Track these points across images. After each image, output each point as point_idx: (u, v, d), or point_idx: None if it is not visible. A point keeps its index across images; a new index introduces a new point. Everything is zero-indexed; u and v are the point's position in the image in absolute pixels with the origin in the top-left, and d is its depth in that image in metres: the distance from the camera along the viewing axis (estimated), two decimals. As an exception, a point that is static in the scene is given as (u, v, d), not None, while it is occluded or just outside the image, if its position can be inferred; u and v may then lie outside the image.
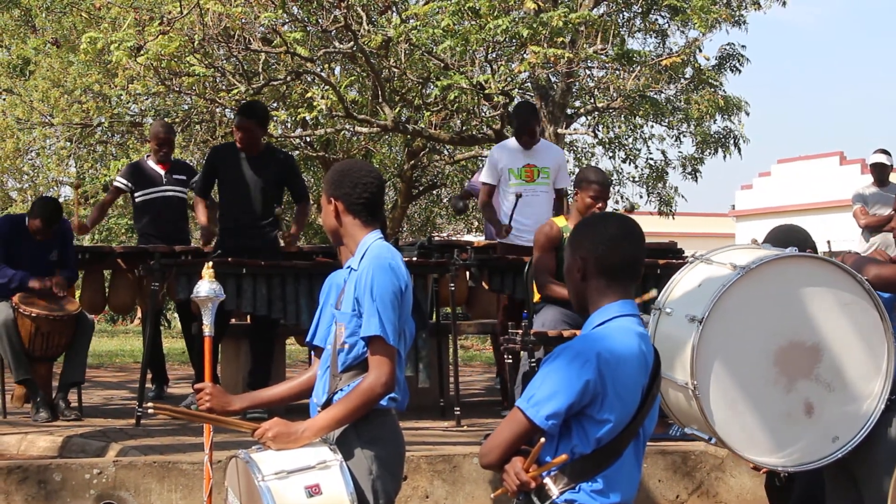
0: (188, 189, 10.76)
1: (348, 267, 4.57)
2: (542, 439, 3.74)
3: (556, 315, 8.49)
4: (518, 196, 9.69)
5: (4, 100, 21.66)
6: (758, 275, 4.78)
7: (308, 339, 4.81)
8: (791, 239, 5.39)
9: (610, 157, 21.09)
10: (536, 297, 8.72)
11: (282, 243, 9.59)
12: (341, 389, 4.42)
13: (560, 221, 8.74)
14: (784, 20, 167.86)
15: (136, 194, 10.72)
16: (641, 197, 21.01)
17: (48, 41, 19.39)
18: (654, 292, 3.84)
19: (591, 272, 3.90)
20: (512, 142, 10.17)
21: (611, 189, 8.65)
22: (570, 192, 10.14)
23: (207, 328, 5.06)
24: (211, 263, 5.22)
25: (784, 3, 17.18)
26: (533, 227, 9.13)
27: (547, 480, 3.77)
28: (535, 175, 9.92)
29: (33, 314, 9.08)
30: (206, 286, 5.07)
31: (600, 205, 8.42)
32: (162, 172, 10.66)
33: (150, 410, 5.49)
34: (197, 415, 4.71)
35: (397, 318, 4.36)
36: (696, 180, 19.30)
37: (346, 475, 4.27)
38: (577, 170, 23.15)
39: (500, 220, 9.89)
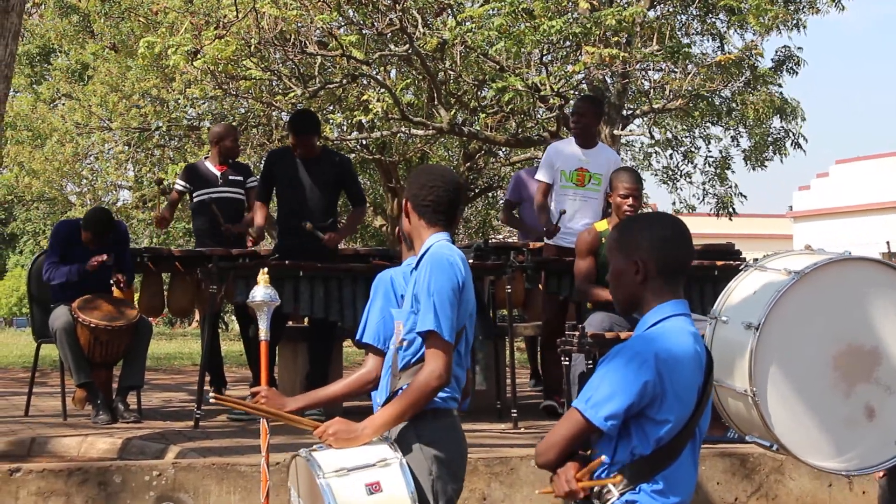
0: (244, 189, 10.76)
1: (410, 265, 4.63)
2: (602, 457, 3.76)
3: (603, 319, 8.47)
4: (562, 212, 9.63)
5: (64, 104, 21.93)
6: (813, 279, 4.76)
7: (357, 336, 4.82)
8: None
9: (668, 156, 21.04)
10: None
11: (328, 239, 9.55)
12: (401, 388, 4.44)
13: (601, 226, 8.72)
14: (842, 20, 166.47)
15: (193, 195, 10.80)
16: (698, 198, 20.92)
17: (106, 46, 19.59)
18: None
19: (651, 273, 3.90)
20: (570, 143, 10.09)
21: (642, 185, 8.58)
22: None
23: (263, 333, 5.10)
24: (266, 269, 5.24)
25: (843, 9, 16.94)
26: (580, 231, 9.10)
27: (607, 482, 3.77)
28: (587, 180, 9.83)
29: (92, 324, 9.09)
30: (262, 291, 5.09)
31: (631, 201, 8.39)
32: (218, 173, 10.68)
33: (210, 400, 5.53)
34: (257, 408, 4.75)
35: (455, 314, 4.37)
36: (765, 167, 19.07)
37: (406, 473, 4.29)
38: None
39: (550, 220, 9.81)
